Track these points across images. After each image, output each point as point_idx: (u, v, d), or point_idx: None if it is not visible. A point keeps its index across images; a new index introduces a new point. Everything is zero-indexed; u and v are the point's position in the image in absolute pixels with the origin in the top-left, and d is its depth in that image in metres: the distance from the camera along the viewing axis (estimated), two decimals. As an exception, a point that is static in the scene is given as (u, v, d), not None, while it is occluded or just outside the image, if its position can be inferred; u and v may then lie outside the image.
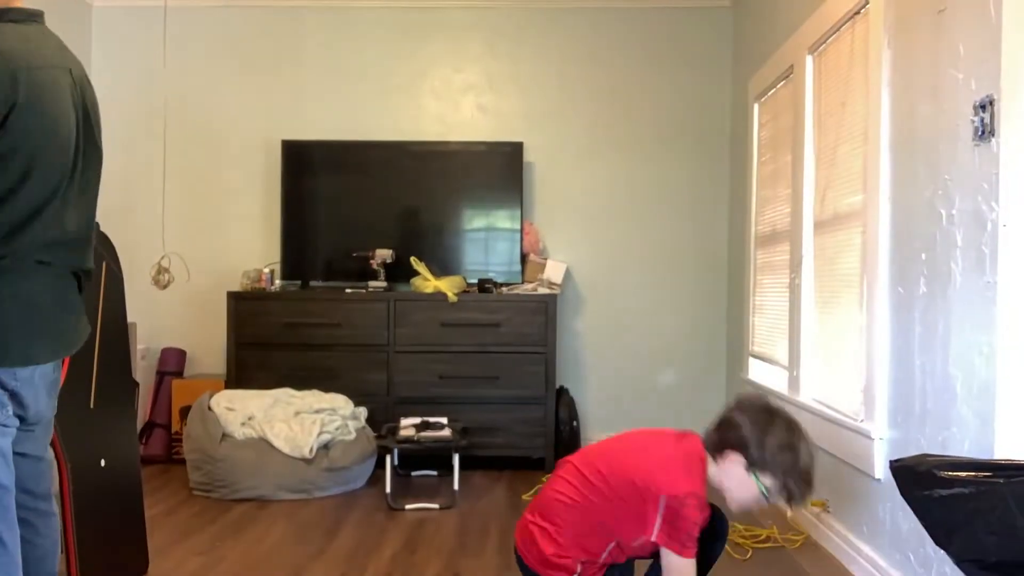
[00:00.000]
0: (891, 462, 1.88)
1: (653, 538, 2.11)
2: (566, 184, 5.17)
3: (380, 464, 4.19)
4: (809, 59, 3.69)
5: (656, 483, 2.11)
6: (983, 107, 2.23)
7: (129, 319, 3.39)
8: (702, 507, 2.13)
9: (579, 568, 2.19)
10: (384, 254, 4.78)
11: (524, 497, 4.07)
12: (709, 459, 2.20)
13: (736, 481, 2.16)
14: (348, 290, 4.74)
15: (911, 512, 2.66)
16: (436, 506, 3.90)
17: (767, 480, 2.13)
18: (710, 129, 5.16)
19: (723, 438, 2.18)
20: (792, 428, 2.15)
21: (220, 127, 5.19)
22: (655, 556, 2.21)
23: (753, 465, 2.13)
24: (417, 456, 4.50)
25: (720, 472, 2.18)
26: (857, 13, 3.14)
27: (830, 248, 3.46)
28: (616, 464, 2.20)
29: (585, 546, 2.20)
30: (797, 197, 3.79)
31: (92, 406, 2.67)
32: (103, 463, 2.64)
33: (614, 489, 2.16)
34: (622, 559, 2.25)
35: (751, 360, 4.56)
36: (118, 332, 2.74)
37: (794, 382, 3.77)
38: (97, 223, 2.07)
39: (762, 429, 2.13)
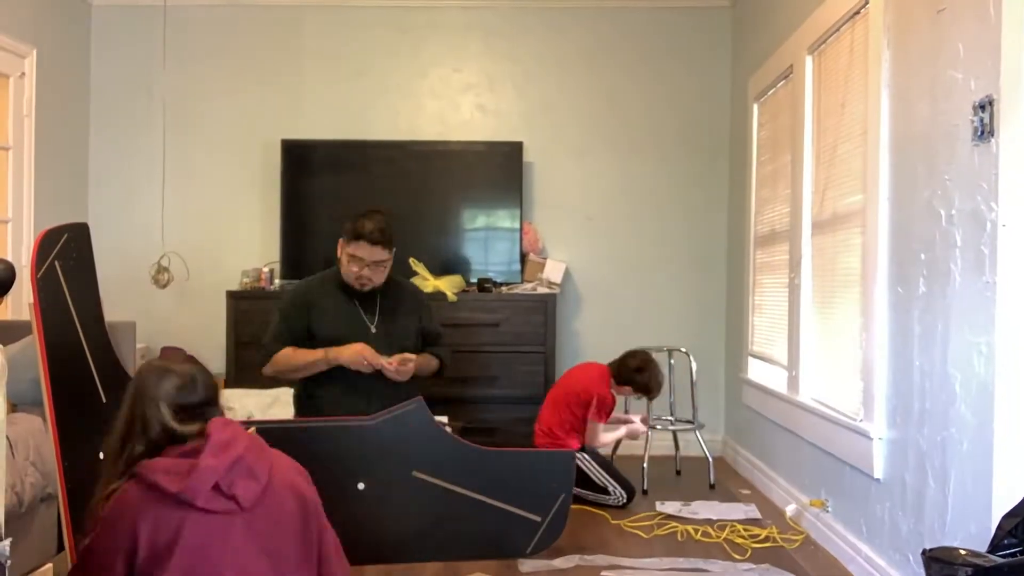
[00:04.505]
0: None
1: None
2: (565, 184, 5.17)
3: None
4: (809, 59, 3.69)
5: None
6: (982, 107, 2.24)
7: (128, 318, 3.40)
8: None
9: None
10: None
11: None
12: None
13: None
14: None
15: (910, 512, 2.68)
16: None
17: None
18: (709, 129, 5.16)
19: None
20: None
21: (219, 126, 5.19)
22: None
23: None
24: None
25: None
26: (857, 13, 3.14)
27: (829, 248, 3.46)
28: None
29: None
30: (796, 197, 3.79)
31: (105, 400, 2.67)
32: (101, 456, 2.63)
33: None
34: None
35: (750, 360, 4.57)
36: (96, 324, 2.72)
37: (793, 382, 3.77)
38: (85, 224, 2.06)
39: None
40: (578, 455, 3.85)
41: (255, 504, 1.72)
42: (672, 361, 4.63)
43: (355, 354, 3.00)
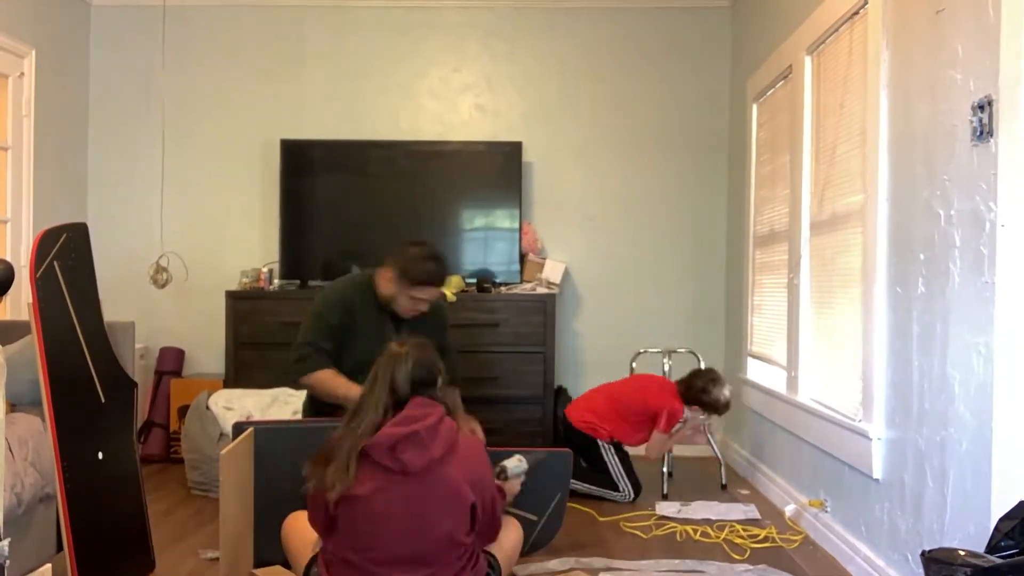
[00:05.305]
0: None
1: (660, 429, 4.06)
2: (565, 184, 5.17)
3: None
4: (808, 59, 3.69)
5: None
6: (981, 107, 2.24)
7: (127, 318, 3.39)
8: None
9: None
10: None
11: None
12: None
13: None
14: (347, 290, 4.73)
15: (909, 512, 2.68)
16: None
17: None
18: (708, 129, 5.16)
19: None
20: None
21: (218, 126, 5.19)
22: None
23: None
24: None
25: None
26: (856, 13, 3.14)
27: (828, 248, 3.46)
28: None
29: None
30: (795, 197, 3.79)
31: (104, 400, 2.67)
32: (100, 455, 2.64)
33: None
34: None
35: (750, 360, 4.57)
36: (95, 324, 2.71)
37: (792, 382, 3.77)
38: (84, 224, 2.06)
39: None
40: (604, 444, 4.08)
41: (420, 471, 2.17)
42: (670, 362, 4.64)
43: None
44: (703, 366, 4.55)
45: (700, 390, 4.11)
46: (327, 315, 3.11)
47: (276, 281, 4.93)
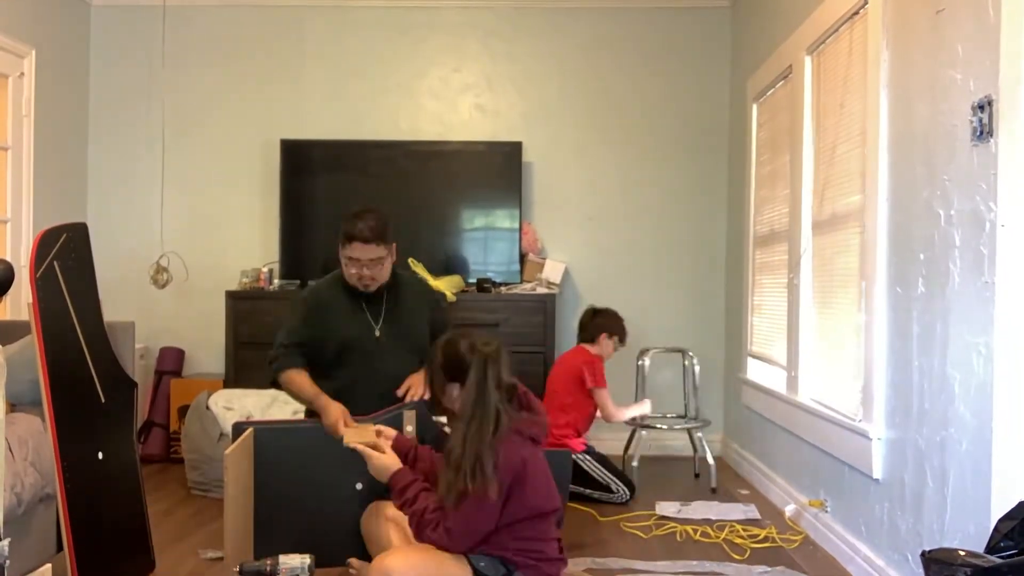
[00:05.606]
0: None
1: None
2: (565, 184, 5.17)
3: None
4: (808, 59, 3.69)
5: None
6: (981, 107, 2.24)
7: (127, 318, 3.39)
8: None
9: None
10: None
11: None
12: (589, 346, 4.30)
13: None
14: (347, 290, 4.74)
15: (909, 512, 2.68)
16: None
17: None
18: (708, 129, 5.16)
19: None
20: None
21: (218, 126, 5.19)
22: None
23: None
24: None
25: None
26: (856, 13, 3.14)
27: (828, 248, 3.46)
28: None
29: None
30: (795, 197, 3.79)
31: (104, 400, 2.67)
32: (100, 456, 2.64)
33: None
34: None
35: (749, 360, 4.57)
36: (95, 324, 2.71)
37: (792, 382, 3.77)
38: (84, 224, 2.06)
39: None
40: (580, 456, 3.95)
41: None
42: (685, 362, 4.67)
43: (332, 423, 2.84)
44: (696, 368, 4.61)
45: (594, 317, 4.35)
46: (294, 314, 3.16)
47: (276, 281, 4.93)
